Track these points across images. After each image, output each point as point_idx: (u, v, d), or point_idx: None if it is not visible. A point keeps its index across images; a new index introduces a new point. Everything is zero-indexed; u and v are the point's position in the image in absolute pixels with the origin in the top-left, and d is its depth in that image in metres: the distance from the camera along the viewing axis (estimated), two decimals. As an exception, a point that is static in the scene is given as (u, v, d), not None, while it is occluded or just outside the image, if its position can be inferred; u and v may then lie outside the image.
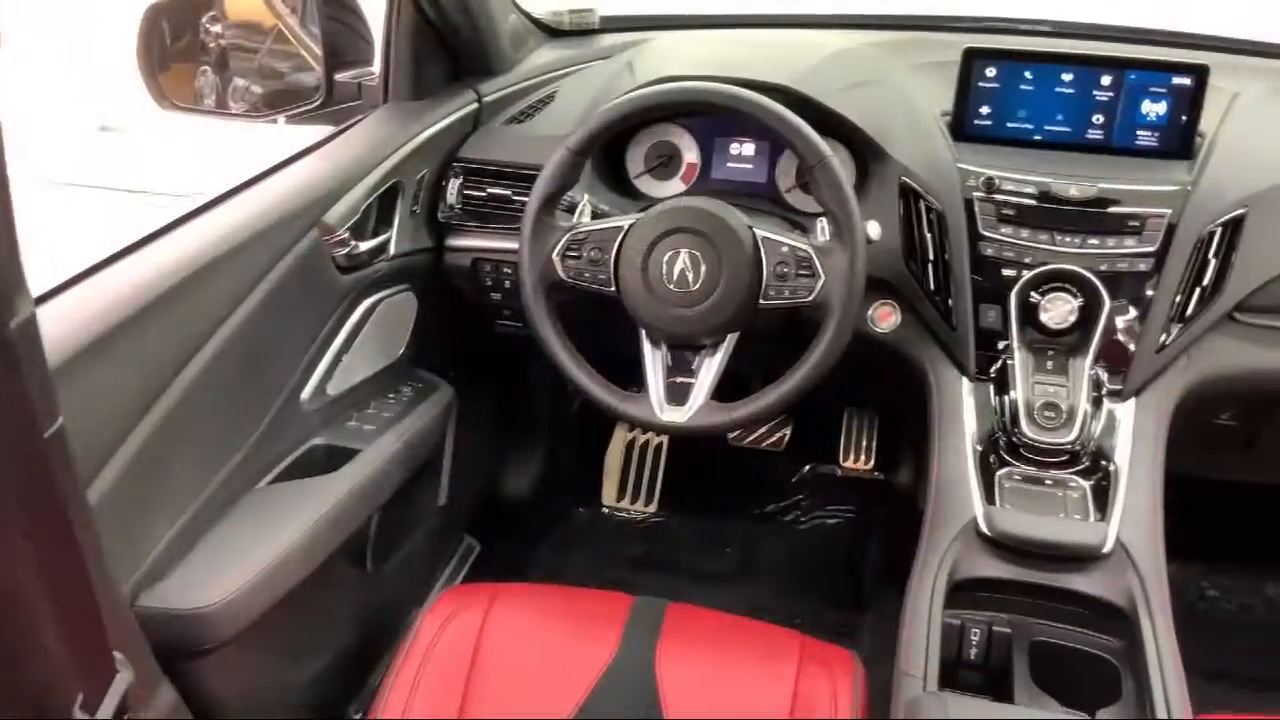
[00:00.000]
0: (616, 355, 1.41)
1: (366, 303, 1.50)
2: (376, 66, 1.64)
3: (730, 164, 1.64)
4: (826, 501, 2.37)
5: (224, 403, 1.24)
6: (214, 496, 1.24)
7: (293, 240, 1.32)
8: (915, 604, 1.21)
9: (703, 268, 1.28)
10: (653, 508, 2.36)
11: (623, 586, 2.10)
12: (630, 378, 1.40)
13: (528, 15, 1.83)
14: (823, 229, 1.31)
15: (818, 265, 1.27)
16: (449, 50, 1.63)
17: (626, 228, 1.32)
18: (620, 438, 2.41)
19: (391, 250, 1.53)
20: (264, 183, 1.36)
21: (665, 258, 1.30)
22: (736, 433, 2.35)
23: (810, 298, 1.28)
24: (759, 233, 1.30)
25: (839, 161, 1.27)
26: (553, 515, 2.30)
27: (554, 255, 1.33)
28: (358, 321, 1.49)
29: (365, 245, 1.46)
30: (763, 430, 2.34)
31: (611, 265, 1.32)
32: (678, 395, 1.33)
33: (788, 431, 2.33)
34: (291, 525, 1.26)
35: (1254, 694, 1.93)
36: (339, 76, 1.67)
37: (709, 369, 1.33)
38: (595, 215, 1.40)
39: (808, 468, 2.41)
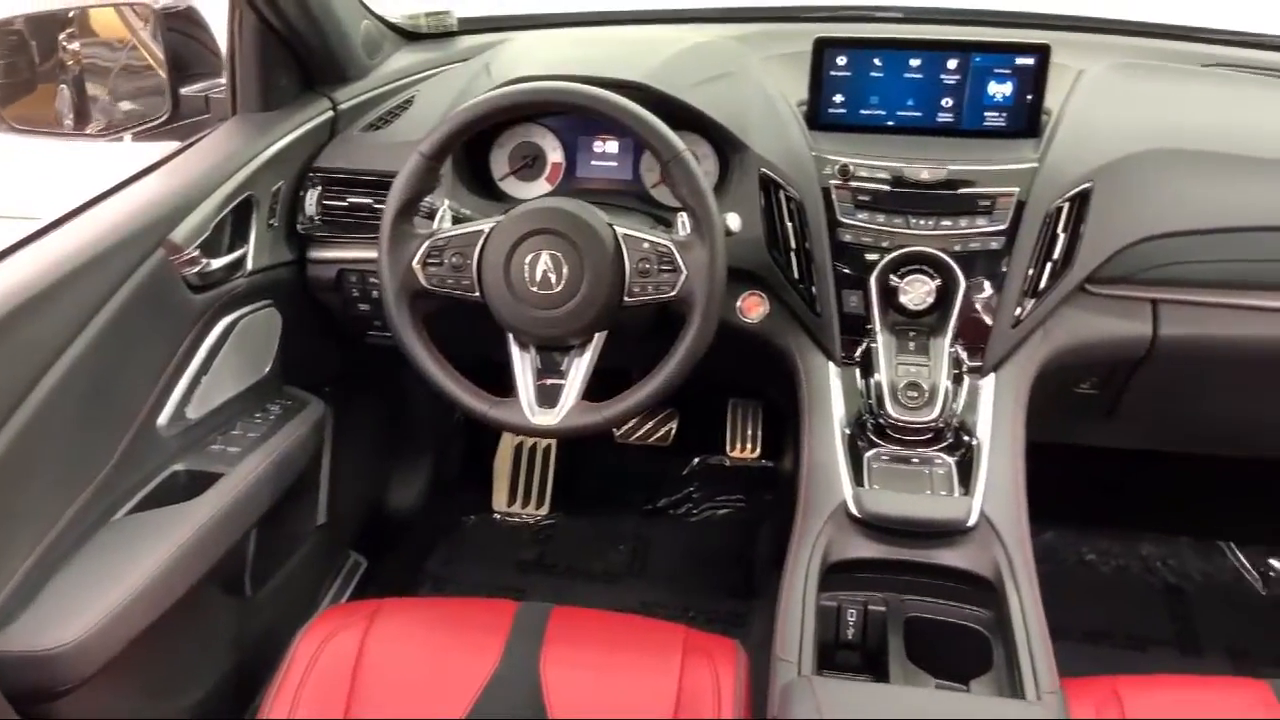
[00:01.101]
0: (490, 360, 1.39)
1: (225, 321, 1.46)
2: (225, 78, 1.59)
3: (595, 162, 1.63)
4: (716, 492, 2.38)
5: (72, 434, 1.19)
6: (67, 531, 1.19)
7: (137, 261, 1.27)
8: (790, 590, 1.22)
9: (565, 268, 1.27)
10: (544, 511, 2.35)
11: (516, 592, 2.11)
12: (507, 382, 1.38)
13: (382, 20, 1.80)
14: (684, 224, 1.32)
15: (679, 260, 1.27)
16: (298, 59, 1.59)
17: (487, 232, 1.31)
18: (508, 442, 2.40)
19: (249, 265, 1.49)
20: (104, 203, 1.31)
21: (527, 260, 1.28)
22: (622, 430, 2.35)
23: (673, 293, 1.28)
24: (620, 230, 1.29)
25: (694, 156, 1.28)
26: (442, 525, 2.28)
27: (414, 263, 1.31)
28: (216, 341, 1.44)
29: (219, 262, 1.42)
30: (649, 426, 2.34)
31: (474, 270, 1.31)
32: (549, 397, 1.32)
33: (674, 426, 2.34)
34: (151, 556, 1.22)
35: (1136, 652, 2.01)
36: (186, 90, 1.62)
37: (578, 369, 1.32)
38: (457, 220, 1.38)
39: (696, 460, 2.43)
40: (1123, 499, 2.24)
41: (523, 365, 1.33)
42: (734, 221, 1.35)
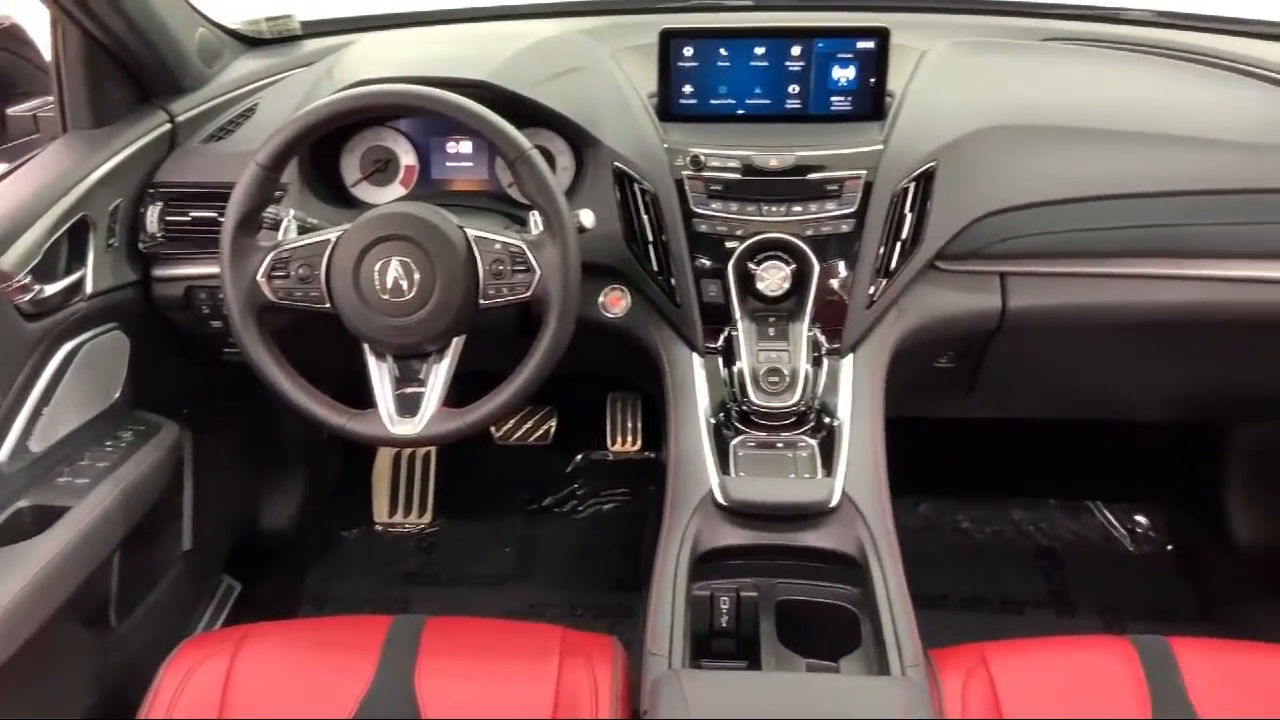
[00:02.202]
0: (351, 371, 1.36)
1: (66, 348, 1.40)
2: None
3: (450, 163, 1.61)
4: (601, 487, 2.38)
5: None
6: None
7: None
8: (659, 582, 1.23)
9: (416, 274, 1.25)
10: (427, 518, 2.32)
11: (401, 604, 2.08)
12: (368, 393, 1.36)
13: (220, 26, 1.74)
14: (536, 222, 1.30)
15: (532, 260, 1.26)
16: (129, 71, 1.53)
17: (333, 241, 1.27)
18: (387, 451, 2.36)
19: (89, 289, 1.43)
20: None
21: (376, 268, 1.26)
22: (501, 431, 2.33)
23: (528, 293, 1.27)
24: (470, 232, 1.28)
25: (548, 153, 1.27)
26: (320, 542, 2.23)
27: (259, 277, 1.27)
28: (57, 369, 1.38)
29: (54, 287, 1.36)
30: (528, 426, 2.33)
31: (322, 281, 1.27)
32: (409, 406, 1.30)
33: (553, 424, 2.33)
34: None
35: (1012, 615, 2.07)
36: (12, 111, 1.55)
37: (438, 376, 1.30)
38: (303, 230, 1.35)
39: (579, 456, 2.42)
40: (993, 466, 2.31)
41: (380, 375, 1.30)
42: (587, 218, 1.34)
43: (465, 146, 1.60)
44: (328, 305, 1.28)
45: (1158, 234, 1.46)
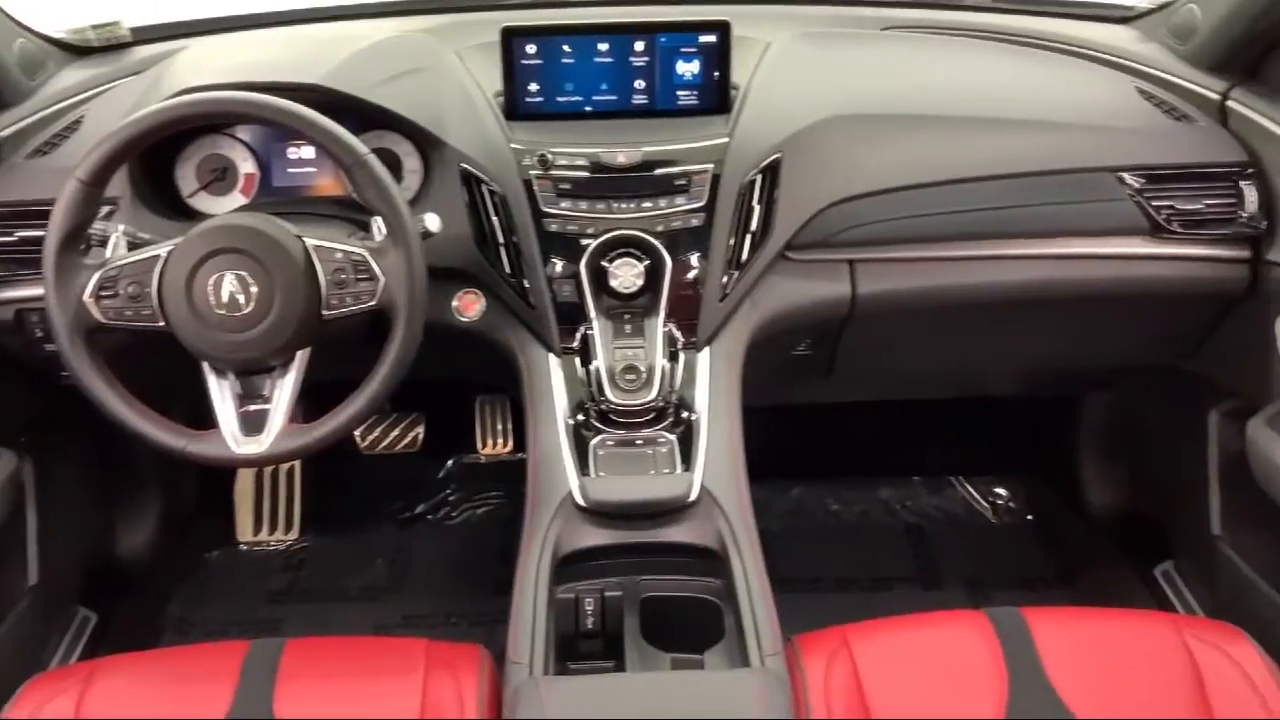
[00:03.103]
0: (195, 390, 1.31)
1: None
2: None
3: (292, 169, 1.56)
4: (474, 491, 2.36)
5: None
6: None
7: None
8: (520, 589, 1.21)
9: (253, 288, 1.21)
10: (294, 535, 2.26)
11: (270, 625, 2.02)
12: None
13: (42, 36, 1.66)
14: (379, 229, 1.28)
15: (375, 268, 1.23)
16: (-58, 89, 1.45)
17: (164, 257, 1.22)
18: (247, 468, 2.28)
19: None
20: None
21: (211, 283, 1.21)
22: (367, 440, 2.28)
23: (373, 302, 1.24)
24: (310, 242, 1.24)
25: (396, 156, 1.24)
26: (181, 566, 2.15)
27: (86, 298, 1.21)
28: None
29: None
30: (395, 433, 2.29)
31: (154, 299, 1.22)
32: (254, 424, 1.25)
33: (421, 430, 2.29)
34: None
35: (883, 592, 2.11)
36: None
37: (283, 391, 1.26)
38: (134, 246, 1.29)
39: (451, 461, 2.39)
40: (860, 448, 2.36)
41: (221, 393, 1.26)
42: (433, 222, 1.32)
43: (308, 152, 1.55)
44: (161, 324, 1.23)
45: (996, 216, 1.50)
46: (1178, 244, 1.52)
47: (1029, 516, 2.30)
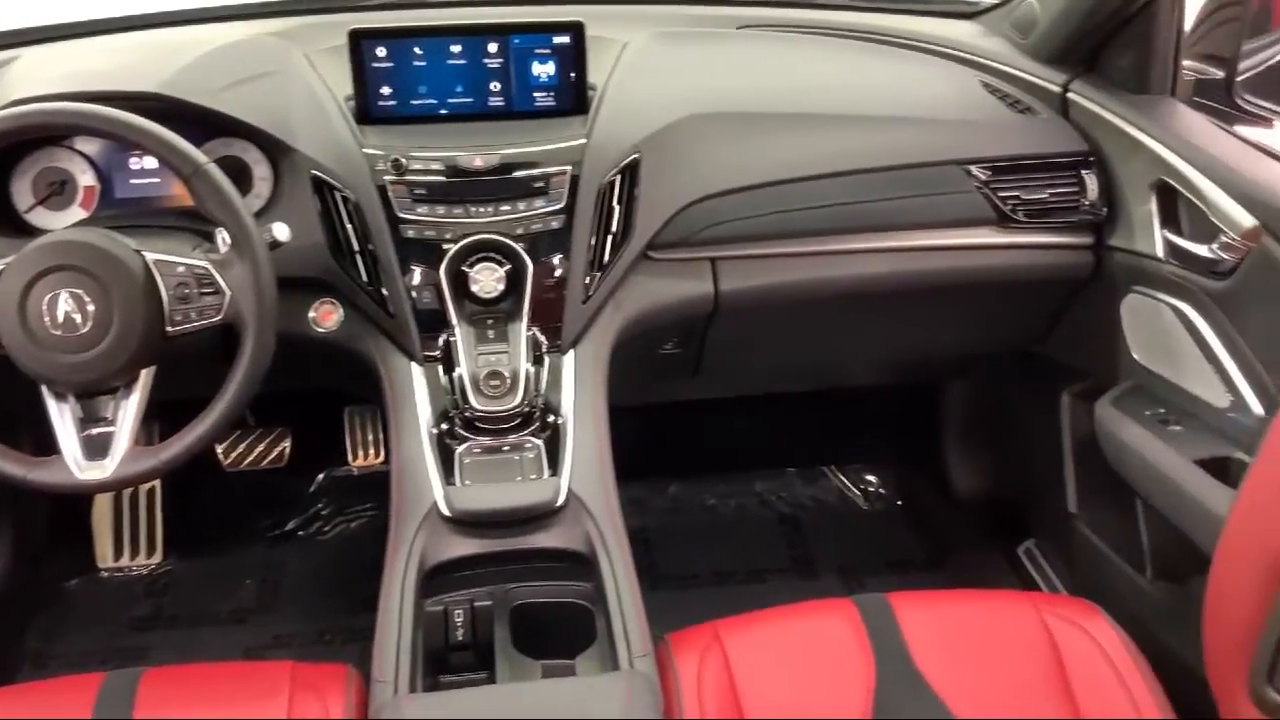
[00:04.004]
0: (41, 415, 1.25)
1: None
2: None
3: (135, 180, 1.50)
4: (346, 504, 2.30)
5: None
6: None
7: None
8: (385, 605, 1.19)
9: (90, 306, 1.15)
10: (157, 558, 2.17)
11: (134, 654, 1.94)
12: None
13: None
14: (223, 240, 1.23)
15: (219, 281, 1.19)
16: None
17: None
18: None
19: None
20: None
21: (45, 302, 1.15)
22: (230, 457, 2.21)
23: (219, 316, 1.20)
24: (150, 256, 1.19)
25: (232, 165, 1.20)
26: (36, 596, 2.05)
27: None
28: None
29: None
30: (260, 449, 2.21)
31: None
32: (97, 448, 1.20)
33: (287, 445, 2.23)
34: None
35: (759, 585, 2.13)
36: None
37: (127, 413, 1.21)
38: None
39: (321, 475, 2.33)
40: (734, 442, 2.37)
41: (62, 417, 1.20)
42: (281, 231, 1.28)
43: (150, 162, 1.49)
44: None
45: (851, 210, 1.53)
46: (1024, 233, 1.57)
47: (899, 502, 2.35)
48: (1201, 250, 1.38)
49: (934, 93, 1.66)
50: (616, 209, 1.43)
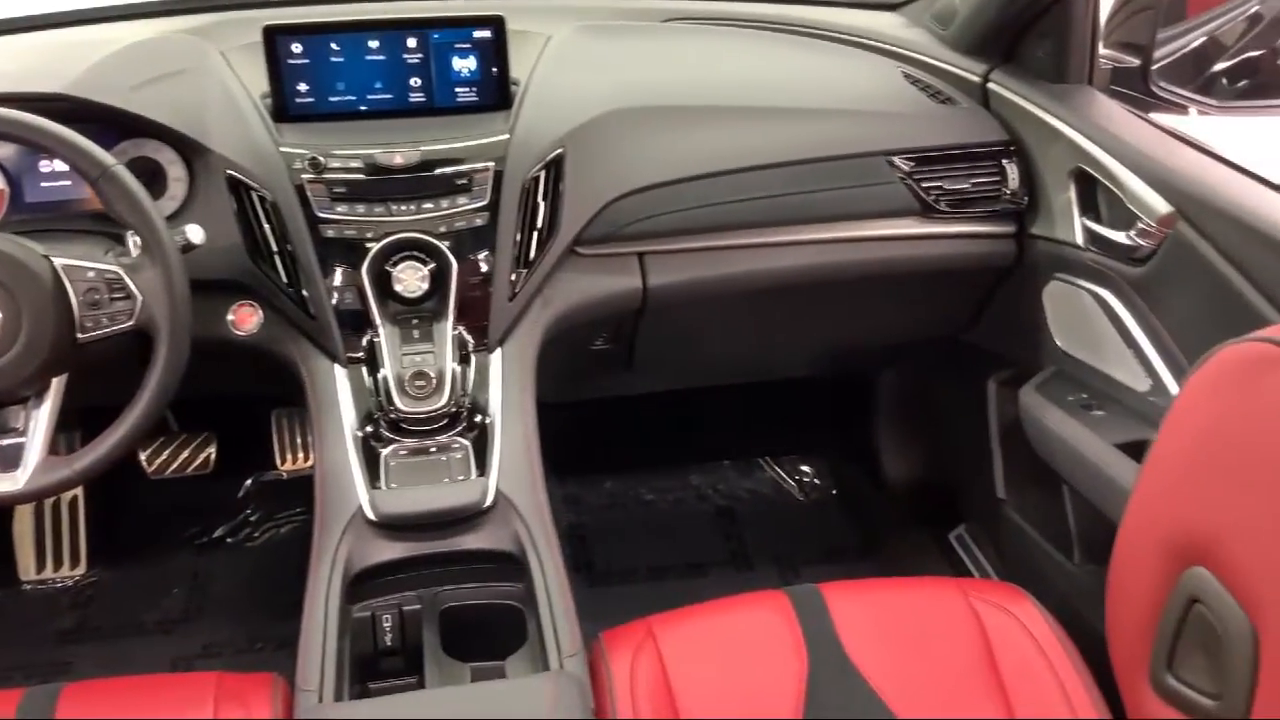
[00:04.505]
0: None
1: None
2: None
3: (45, 184, 1.45)
4: (276, 509, 2.26)
5: None
6: None
7: None
8: (310, 612, 1.17)
9: None
10: (81, 569, 2.12)
11: (58, 669, 1.89)
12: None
13: None
14: (134, 244, 1.20)
15: (130, 285, 1.16)
16: None
17: None
18: (25, 501, 2.13)
19: None
20: None
21: None
22: (154, 464, 2.16)
23: (131, 322, 1.17)
24: (58, 261, 1.16)
25: (144, 166, 1.17)
26: None
27: None
28: None
29: None
30: (184, 455, 2.17)
31: None
32: (9, 459, 1.17)
33: (213, 450, 2.18)
34: None
35: (698, 579, 2.14)
36: None
37: (39, 422, 1.18)
38: None
39: (249, 480, 2.29)
40: (670, 437, 2.37)
41: None
42: (195, 233, 1.25)
43: (61, 165, 1.44)
44: None
45: (777, 203, 1.53)
46: (948, 223, 1.58)
47: (834, 492, 2.37)
48: (1119, 237, 1.40)
49: (857, 85, 1.67)
50: (542, 205, 1.42)
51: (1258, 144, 1.50)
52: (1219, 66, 1.71)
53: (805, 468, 2.41)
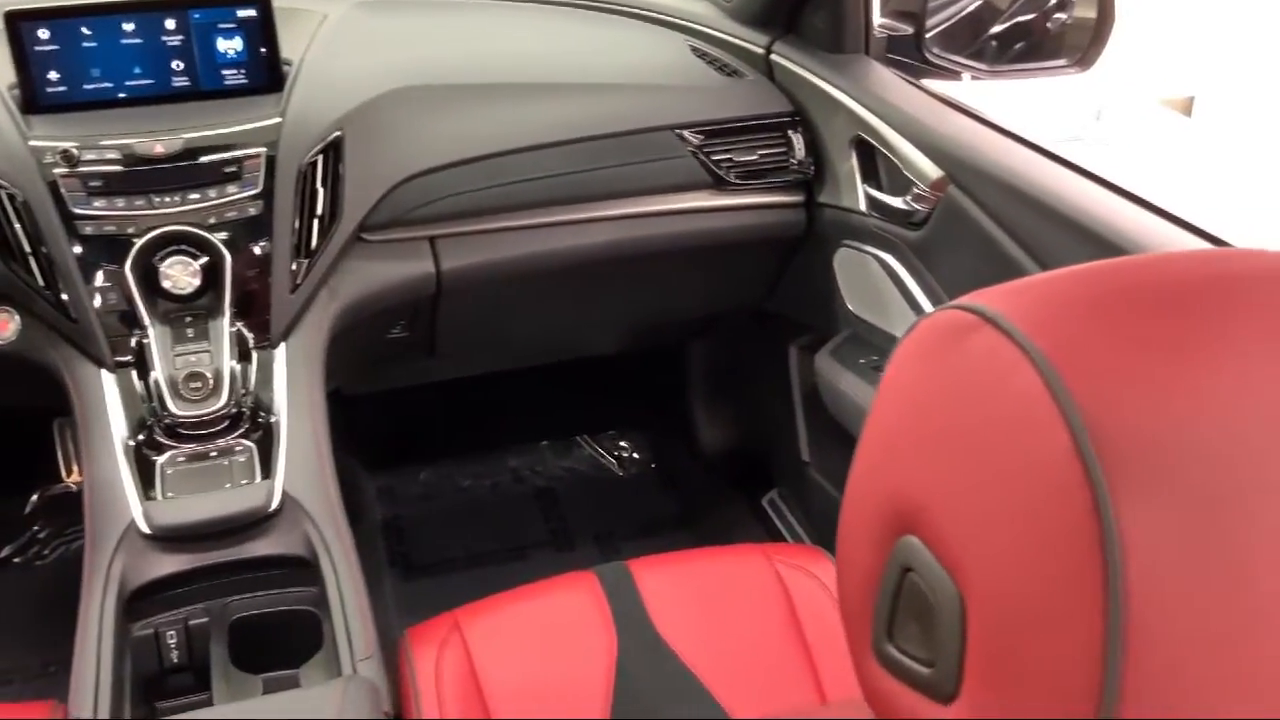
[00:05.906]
0: None
1: None
2: None
3: None
4: (66, 524, 2.12)
5: None
6: None
7: None
8: (82, 636, 1.10)
9: None
10: None
11: None
12: None
13: None
14: None
15: None
16: None
17: None
18: None
19: None
20: None
21: None
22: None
23: None
24: None
25: None
26: None
27: None
28: None
29: None
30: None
31: None
32: None
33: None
34: None
35: (518, 563, 2.11)
36: None
37: None
38: None
39: (35, 495, 2.14)
40: (485, 421, 2.34)
41: None
42: None
43: None
44: None
45: (570, 181, 1.52)
46: (739, 194, 1.59)
47: (653, 465, 2.38)
48: (898, 203, 1.44)
49: (645, 58, 1.67)
50: (321, 191, 1.36)
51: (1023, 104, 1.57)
52: (992, 30, 1.77)
53: (623, 443, 2.42)
